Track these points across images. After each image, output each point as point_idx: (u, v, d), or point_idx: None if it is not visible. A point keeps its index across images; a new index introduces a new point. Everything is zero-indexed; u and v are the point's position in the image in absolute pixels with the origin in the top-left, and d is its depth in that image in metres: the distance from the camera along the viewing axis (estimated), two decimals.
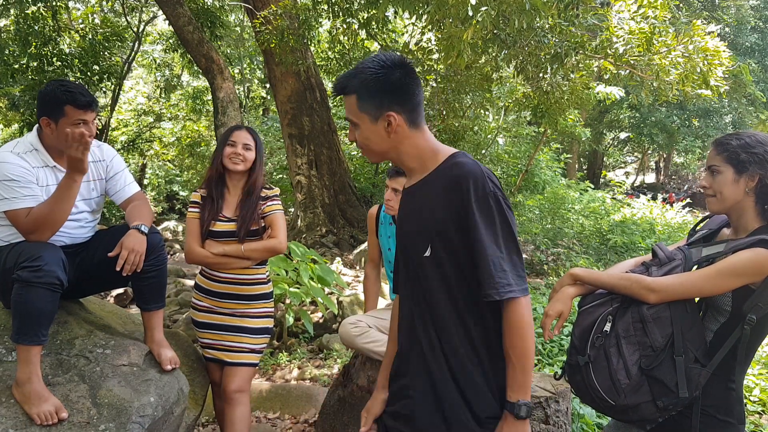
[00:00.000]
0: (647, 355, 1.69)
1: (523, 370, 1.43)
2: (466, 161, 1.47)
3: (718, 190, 1.79)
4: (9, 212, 2.11)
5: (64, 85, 2.19)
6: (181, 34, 8.06)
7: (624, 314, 1.75)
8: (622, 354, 1.71)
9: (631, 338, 1.72)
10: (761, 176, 1.74)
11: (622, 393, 1.69)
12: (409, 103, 1.50)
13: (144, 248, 2.22)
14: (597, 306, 1.81)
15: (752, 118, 16.30)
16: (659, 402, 1.68)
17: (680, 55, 5.13)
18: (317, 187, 9.27)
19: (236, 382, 2.64)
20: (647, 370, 1.69)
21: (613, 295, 1.79)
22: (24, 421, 1.97)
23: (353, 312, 5.41)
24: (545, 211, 9.62)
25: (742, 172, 1.76)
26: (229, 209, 2.68)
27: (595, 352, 1.74)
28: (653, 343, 1.70)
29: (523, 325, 1.42)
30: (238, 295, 2.68)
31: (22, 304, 2.00)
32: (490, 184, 1.43)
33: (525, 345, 1.43)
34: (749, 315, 1.67)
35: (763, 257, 1.64)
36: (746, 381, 3.86)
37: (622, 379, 1.69)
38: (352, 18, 6.59)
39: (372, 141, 1.53)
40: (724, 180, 1.78)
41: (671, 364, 1.68)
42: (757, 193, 1.75)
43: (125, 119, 15.73)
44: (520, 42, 4.98)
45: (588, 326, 1.78)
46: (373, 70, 1.47)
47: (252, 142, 2.68)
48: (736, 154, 1.76)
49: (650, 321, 1.71)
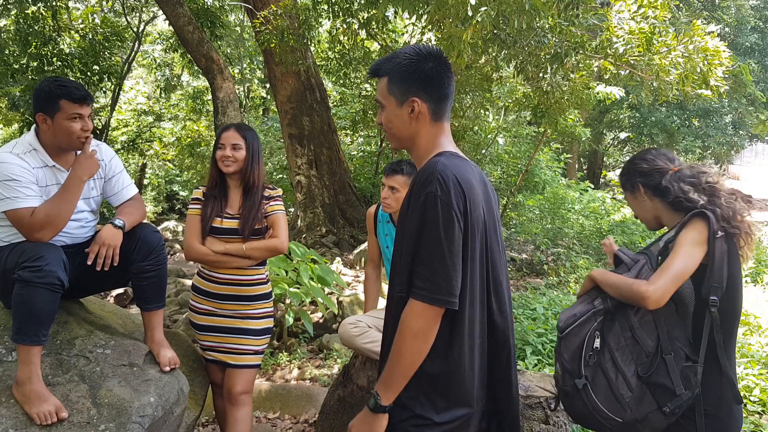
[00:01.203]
0: (643, 363, 1.69)
1: (391, 368, 1.43)
2: (434, 160, 1.47)
3: (639, 215, 2.05)
4: (11, 212, 2.11)
5: (58, 80, 2.21)
6: (181, 34, 8.06)
7: (612, 326, 1.74)
8: (618, 367, 1.70)
9: (624, 349, 1.71)
10: (642, 182, 1.97)
11: (627, 407, 1.67)
12: (436, 94, 1.53)
13: (117, 242, 2.21)
14: (580, 325, 1.78)
15: (752, 118, 16.28)
16: (665, 408, 1.67)
17: (680, 55, 5.12)
18: (317, 187, 9.27)
19: (241, 384, 2.64)
20: (646, 377, 1.68)
21: (596, 310, 1.79)
22: (24, 421, 1.97)
23: (353, 312, 5.40)
24: (545, 211, 9.61)
25: (633, 191, 2.01)
26: (232, 207, 2.68)
27: (591, 371, 1.72)
28: (646, 349, 1.70)
29: (406, 329, 1.40)
30: (239, 296, 2.66)
31: (23, 304, 2.00)
32: (433, 185, 1.39)
33: (401, 348, 1.41)
34: (710, 297, 1.72)
35: (698, 222, 1.77)
36: (746, 381, 3.86)
37: (624, 393, 1.68)
38: (352, 18, 6.58)
39: (394, 125, 1.56)
40: (632, 205, 2.06)
41: (665, 366, 1.68)
42: (656, 195, 1.94)
43: (125, 119, 15.72)
44: (520, 42, 4.98)
45: (577, 347, 1.76)
46: (408, 56, 1.52)
47: (241, 141, 2.64)
48: (620, 181, 2.07)
49: (638, 327, 1.72)
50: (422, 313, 1.39)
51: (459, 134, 9.04)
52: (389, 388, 1.43)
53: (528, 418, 2.64)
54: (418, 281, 1.39)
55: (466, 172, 1.46)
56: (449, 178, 1.40)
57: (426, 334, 1.40)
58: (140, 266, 2.31)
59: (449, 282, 1.38)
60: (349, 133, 11.80)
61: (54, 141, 2.23)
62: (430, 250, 1.38)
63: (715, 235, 1.73)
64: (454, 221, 1.39)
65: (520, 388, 2.76)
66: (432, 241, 1.38)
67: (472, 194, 1.44)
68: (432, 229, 1.39)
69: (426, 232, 1.39)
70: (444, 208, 1.38)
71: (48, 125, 2.20)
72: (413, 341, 1.40)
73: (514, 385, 1.60)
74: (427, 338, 1.40)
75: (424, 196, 1.40)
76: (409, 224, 1.43)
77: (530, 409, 2.65)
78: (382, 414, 1.44)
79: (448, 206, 1.38)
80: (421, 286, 1.38)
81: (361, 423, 1.48)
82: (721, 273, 1.73)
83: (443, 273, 1.38)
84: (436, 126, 1.55)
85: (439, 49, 1.55)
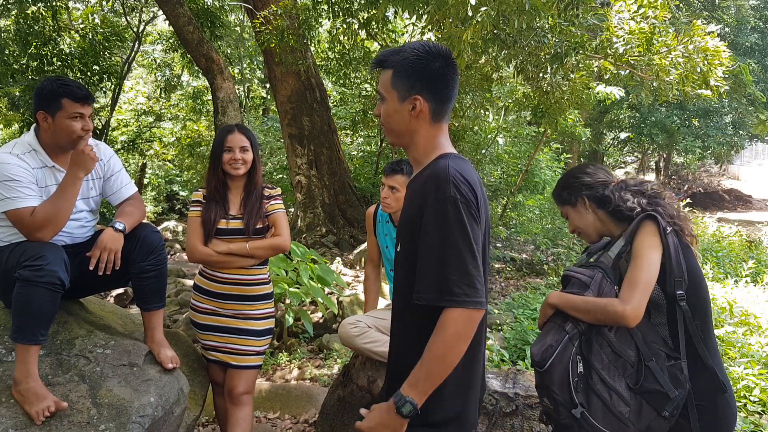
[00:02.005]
0: (630, 374, 1.70)
1: (428, 371, 1.40)
2: (442, 163, 1.47)
3: (578, 228, 2.05)
4: (12, 212, 2.11)
5: (60, 80, 2.21)
6: (181, 34, 8.06)
7: (590, 347, 1.74)
8: (609, 385, 1.70)
9: (609, 366, 1.71)
10: (587, 195, 1.99)
11: (629, 423, 1.68)
12: (439, 95, 1.52)
13: (119, 246, 2.21)
14: (560, 354, 1.75)
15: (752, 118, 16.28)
16: (664, 413, 1.68)
17: (680, 55, 5.12)
18: (317, 187, 9.27)
19: (242, 385, 2.65)
20: (637, 388, 1.69)
21: (570, 335, 1.77)
22: (24, 421, 1.97)
23: (353, 312, 5.40)
24: (545, 211, 9.61)
25: (575, 204, 2.02)
26: (234, 207, 2.68)
27: (583, 396, 1.71)
28: (629, 360, 1.71)
29: (451, 334, 1.38)
30: (241, 296, 2.67)
31: (23, 303, 2.00)
32: (451, 189, 1.39)
33: (441, 352, 1.39)
34: (677, 292, 1.74)
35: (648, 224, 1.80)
36: (746, 381, 3.86)
37: (622, 409, 1.68)
38: (352, 18, 6.59)
39: (393, 119, 1.55)
40: (573, 219, 2.04)
41: (651, 372, 1.70)
42: (599, 207, 1.97)
43: (125, 119, 15.71)
44: (520, 42, 4.98)
45: (563, 376, 1.73)
46: (416, 52, 1.50)
47: (248, 143, 2.66)
48: (560, 195, 2.07)
49: (616, 341, 1.73)
50: (468, 317, 1.38)
51: (459, 134, 9.05)
52: (424, 391, 1.41)
53: (528, 418, 2.64)
54: (457, 288, 1.36)
55: (472, 174, 1.48)
56: (463, 181, 1.41)
57: (469, 338, 1.40)
58: (140, 266, 2.31)
59: (483, 284, 1.40)
60: (349, 133, 11.80)
61: (54, 140, 2.23)
62: (461, 255, 1.38)
63: (665, 231, 1.77)
64: (476, 223, 1.41)
65: (520, 388, 2.76)
66: (463, 245, 1.38)
67: (481, 194, 1.47)
68: (460, 233, 1.38)
69: (453, 237, 1.38)
70: (467, 211, 1.39)
71: (48, 124, 2.20)
72: (457, 345, 1.39)
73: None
74: (469, 341, 1.41)
75: (443, 201, 1.39)
76: (428, 230, 1.41)
77: (530, 409, 2.65)
78: (407, 419, 1.42)
79: (468, 208, 1.40)
80: (462, 292, 1.37)
81: (383, 427, 1.43)
82: (680, 266, 1.76)
83: (477, 276, 1.38)
84: (436, 126, 1.54)
85: (448, 50, 1.54)
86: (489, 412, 2.70)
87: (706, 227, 10.51)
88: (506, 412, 2.67)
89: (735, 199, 21.32)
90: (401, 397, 1.40)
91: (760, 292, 6.16)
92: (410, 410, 1.39)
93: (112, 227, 2.25)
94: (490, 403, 2.71)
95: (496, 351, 4.36)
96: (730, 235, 10.17)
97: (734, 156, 24.42)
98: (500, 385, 2.80)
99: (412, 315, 1.48)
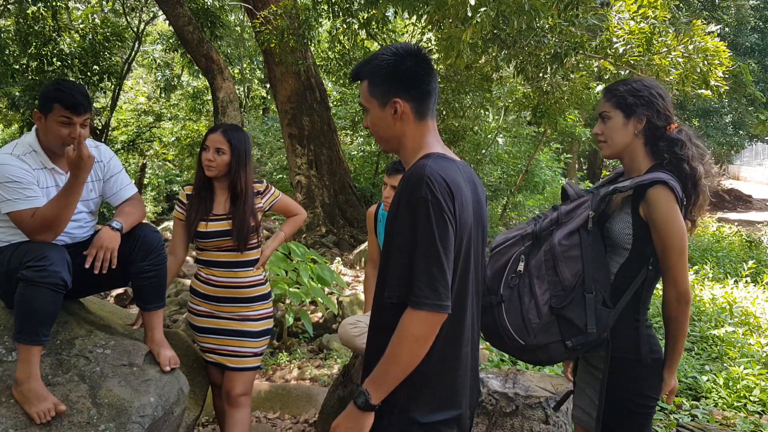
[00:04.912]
0: (557, 295, 1.71)
1: (384, 369, 1.41)
2: (421, 163, 1.46)
3: (608, 135, 1.89)
4: (13, 213, 2.11)
5: (59, 84, 2.22)
6: (181, 34, 8.06)
7: (536, 252, 1.76)
8: (534, 293, 1.72)
9: (543, 277, 1.73)
10: (648, 117, 1.83)
11: (532, 333, 1.71)
12: (417, 92, 1.51)
13: (115, 244, 2.21)
14: (509, 246, 1.81)
15: (752, 118, 16.27)
16: (568, 342, 1.70)
17: (680, 55, 5.12)
18: (317, 187, 9.27)
19: (240, 387, 2.64)
20: (557, 309, 1.71)
21: (525, 234, 1.81)
22: (24, 421, 1.97)
23: (353, 312, 5.41)
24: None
25: (630, 116, 1.85)
26: (218, 207, 2.64)
27: (508, 292, 1.74)
28: (563, 282, 1.71)
29: (408, 335, 1.38)
30: (236, 298, 2.66)
31: (25, 303, 2.00)
32: (423, 190, 1.38)
33: (399, 352, 1.39)
34: (651, 258, 1.75)
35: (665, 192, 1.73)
36: (746, 381, 3.86)
37: (532, 318, 1.71)
38: (352, 18, 6.59)
39: (379, 127, 1.56)
40: (614, 125, 1.87)
41: (581, 303, 1.71)
42: (646, 135, 1.85)
43: (125, 119, 15.70)
44: (520, 42, 4.98)
45: (501, 267, 1.78)
46: (386, 57, 1.51)
47: (225, 145, 2.56)
48: (624, 98, 1.85)
49: (561, 260, 1.73)
50: (426, 320, 1.37)
51: (459, 134, 9.05)
52: (380, 387, 1.42)
53: (528, 418, 2.64)
54: (418, 289, 1.37)
55: (454, 174, 1.45)
56: (439, 182, 1.39)
57: (427, 340, 1.40)
58: (140, 266, 2.31)
59: (447, 287, 1.38)
60: (349, 133, 11.80)
61: (46, 141, 2.25)
62: (427, 256, 1.37)
63: (682, 203, 1.76)
64: (448, 225, 1.38)
65: (520, 388, 2.76)
66: (428, 247, 1.37)
67: (461, 195, 1.43)
68: (427, 234, 1.37)
69: (421, 238, 1.37)
70: (437, 212, 1.37)
71: (42, 123, 2.23)
72: (414, 346, 1.39)
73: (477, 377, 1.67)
74: (427, 344, 1.40)
75: (415, 201, 1.38)
76: (401, 230, 1.41)
77: (530, 409, 2.66)
78: (369, 412, 1.44)
79: (440, 210, 1.37)
80: (422, 294, 1.36)
81: (347, 420, 1.46)
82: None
83: (442, 279, 1.37)
84: (421, 125, 1.54)
85: (418, 47, 1.54)
86: (489, 412, 2.70)
87: (706, 227, 10.51)
88: (506, 412, 2.67)
89: (735, 199, 21.32)
90: (360, 390, 1.44)
91: (760, 292, 6.16)
92: (363, 401, 1.42)
93: (109, 226, 2.25)
94: (490, 403, 2.71)
95: (496, 351, 4.36)
96: (730, 235, 10.18)
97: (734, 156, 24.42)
98: (500, 385, 2.80)
99: (388, 311, 1.48)
